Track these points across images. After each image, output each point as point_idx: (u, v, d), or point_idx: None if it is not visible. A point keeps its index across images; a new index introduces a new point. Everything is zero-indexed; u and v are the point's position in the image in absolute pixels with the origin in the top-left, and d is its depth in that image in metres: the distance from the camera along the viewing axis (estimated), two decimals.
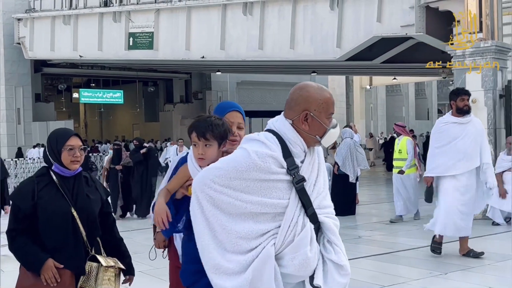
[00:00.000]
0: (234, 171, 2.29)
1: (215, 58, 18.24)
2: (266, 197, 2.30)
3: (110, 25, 19.91)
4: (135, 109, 33.08)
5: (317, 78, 29.99)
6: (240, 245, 2.28)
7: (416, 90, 38.48)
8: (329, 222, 2.40)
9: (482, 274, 6.08)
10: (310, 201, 2.35)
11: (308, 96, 2.39)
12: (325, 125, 2.38)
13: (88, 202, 3.11)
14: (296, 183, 2.33)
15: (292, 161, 2.34)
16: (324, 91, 2.42)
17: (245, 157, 2.31)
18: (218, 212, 2.30)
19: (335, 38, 15.18)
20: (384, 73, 24.65)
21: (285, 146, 2.35)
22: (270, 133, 2.39)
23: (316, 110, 2.37)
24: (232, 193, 2.29)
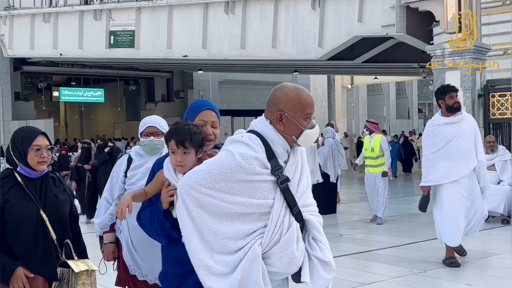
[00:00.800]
0: (219, 173, 2.32)
1: (197, 57, 18.19)
2: (251, 198, 2.33)
3: (91, 23, 19.74)
4: (116, 108, 32.84)
5: (299, 77, 30.09)
6: (227, 245, 2.31)
7: (397, 90, 38.77)
8: (313, 219, 2.45)
9: (461, 272, 6.15)
10: (294, 200, 2.39)
11: (282, 96, 2.41)
12: (301, 126, 2.39)
13: (57, 203, 2.96)
14: (280, 183, 2.36)
15: (276, 161, 2.37)
16: (300, 91, 2.42)
17: (229, 158, 2.34)
18: (205, 213, 2.32)
19: (316, 37, 15.24)
20: (365, 73, 24.81)
21: (269, 147, 2.38)
22: (254, 135, 2.41)
23: (291, 110, 2.39)
24: (218, 194, 2.31)
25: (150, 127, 3.67)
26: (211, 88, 30.24)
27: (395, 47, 15.90)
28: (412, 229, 9.10)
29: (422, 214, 10.64)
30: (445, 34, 11.24)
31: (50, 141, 3.02)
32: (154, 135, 3.65)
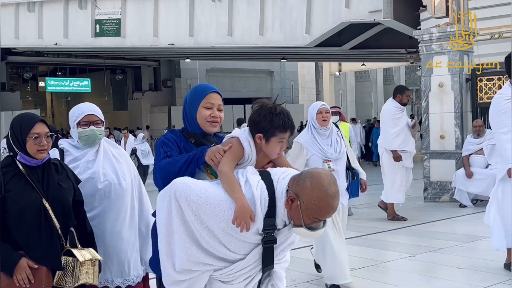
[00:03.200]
0: (208, 207, 2.27)
1: (184, 45, 18.05)
2: (224, 247, 2.29)
3: (76, 12, 19.50)
4: (103, 97, 32.60)
5: (287, 64, 30.04)
6: (188, 262, 2.32)
7: (384, 76, 38.84)
8: (279, 270, 2.43)
9: (450, 255, 6.19)
10: (272, 261, 2.35)
11: (308, 188, 2.21)
12: (303, 221, 2.23)
13: (60, 191, 2.88)
14: (265, 242, 2.29)
15: (273, 221, 2.27)
16: (329, 198, 2.20)
17: (227, 203, 2.28)
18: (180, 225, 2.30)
19: (304, 24, 15.19)
20: (353, 59, 24.79)
21: (273, 205, 2.26)
22: (267, 192, 2.27)
23: (305, 203, 2.21)
24: (196, 222, 2.27)
25: (89, 116, 3.29)
26: (199, 77, 30.10)
27: (382, 33, 15.89)
28: (401, 213, 9.14)
29: (410, 198, 10.74)
30: (432, 19, 11.23)
31: (50, 128, 2.94)
32: (94, 125, 3.30)
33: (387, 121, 8.46)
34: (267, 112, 2.42)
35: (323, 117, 4.94)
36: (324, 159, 4.89)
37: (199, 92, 2.77)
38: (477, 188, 9.11)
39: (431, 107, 10.23)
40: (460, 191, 9.34)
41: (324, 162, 4.88)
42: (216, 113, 2.73)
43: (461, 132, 9.92)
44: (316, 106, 5.03)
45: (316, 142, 4.94)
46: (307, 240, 6.98)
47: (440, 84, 10.06)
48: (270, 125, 2.40)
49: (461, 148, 9.62)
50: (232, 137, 2.52)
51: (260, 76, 32.47)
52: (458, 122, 9.95)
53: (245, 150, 2.44)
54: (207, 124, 2.73)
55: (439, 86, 10.08)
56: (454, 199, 9.49)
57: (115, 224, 3.28)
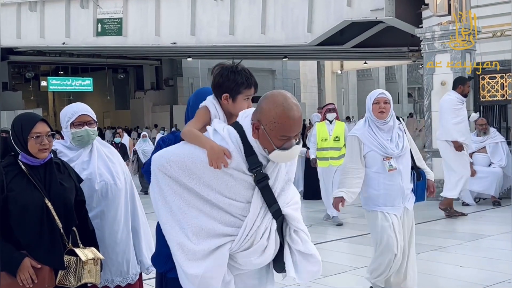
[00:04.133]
0: (190, 161, 2.26)
1: (185, 44, 18.06)
2: (224, 195, 2.25)
3: (78, 12, 19.52)
4: (105, 97, 32.65)
5: (288, 63, 30.03)
6: (200, 234, 2.26)
7: (386, 75, 38.85)
8: (292, 212, 2.35)
9: (453, 254, 6.18)
10: (274, 199, 2.30)
11: (265, 109, 2.22)
12: (274, 144, 2.22)
13: (62, 191, 2.87)
14: (257, 182, 2.25)
15: (255, 158, 2.25)
16: (284, 110, 2.20)
17: (201, 150, 2.27)
18: (178, 198, 2.27)
19: (306, 23, 15.18)
20: (355, 58, 24.78)
21: (248, 144, 2.26)
22: (235, 131, 2.29)
23: (268, 126, 2.21)
24: (188, 179, 2.25)
25: (82, 116, 3.27)
26: (201, 76, 30.12)
27: (384, 32, 15.87)
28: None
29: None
30: (434, 17, 11.21)
31: (51, 128, 2.93)
32: (88, 125, 3.27)
33: (448, 111, 8.16)
34: (228, 71, 2.43)
35: (380, 108, 4.26)
36: (384, 156, 4.23)
37: (201, 96, 2.75)
38: (480, 186, 9.10)
39: (434, 105, 10.20)
40: (463, 189, 9.31)
41: (384, 159, 4.23)
42: None
43: None
44: (373, 95, 4.40)
45: (374, 136, 4.27)
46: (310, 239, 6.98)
47: (442, 82, 10.03)
48: (234, 84, 2.42)
49: None
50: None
51: (262, 75, 32.44)
52: None
53: (211, 112, 2.46)
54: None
55: (441, 84, 10.06)
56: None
57: (113, 224, 3.29)
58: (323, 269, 2.55)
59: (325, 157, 8.33)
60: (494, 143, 9.24)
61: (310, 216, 9.07)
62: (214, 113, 2.46)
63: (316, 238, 7.27)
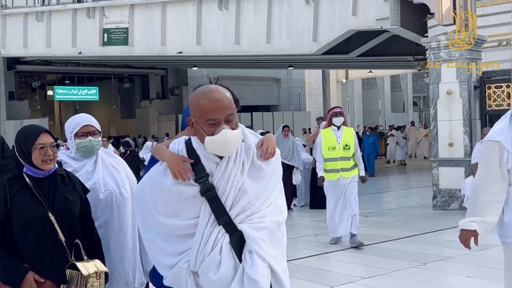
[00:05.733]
0: (149, 184, 2.29)
1: (191, 54, 18.12)
2: (174, 218, 2.22)
3: (84, 21, 19.63)
4: (111, 106, 32.73)
5: (293, 72, 30.07)
6: (162, 257, 2.29)
7: (391, 83, 38.82)
8: (247, 230, 2.17)
9: (461, 264, 6.15)
10: (224, 210, 2.18)
11: (190, 101, 2.25)
12: (204, 132, 2.18)
13: (66, 204, 2.86)
14: (203, 193, 2.19)
15: (201, 169, 2.20)
16: (203, 94, 2.20)
17: (156, 168, 2.28)
18: (141, 224, 2.35)
19: (311, 32, 15.21)
20: (360, 67, 24.78)
21: (194, 153, 2.23)
22: (183, 141, 2.30)
23: (195, 116, 2.21)
24: (148, 211, 2.28)
25: (86, 127, 3.27)
26: None
27: (389, 41, 15.88)
28: (409, 222, 9.12)
29: (419, 206, 10.71)
30: (440, 26, 11.23)
31: (55, 138, 2.93)
32: (92, 135, 3.28)
33: None
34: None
35: None
36: None
37: None
38: None
39: (440, 114, 10.20)
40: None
41: None
42: None
43: (469, 140, 9.89)
44: None
45: None
46: (317, 249, 6.97)
47: (448, 91, 10.04)
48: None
49: (470, 156, 9.56)
50: None
51: (267, 84, 32.51)
52: (466, 129, 9.91)
53: None
54: None
55: (447, 93, 10.06)
56: (463, 206, 9.41)
57: (118, 234, 3.30)
58: (331, 279, 2.54)
59: (334, 169, 7.29)
60: None
61: (316, 225, 9.06)
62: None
63: (323, 247, 7.26)
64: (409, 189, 14.25)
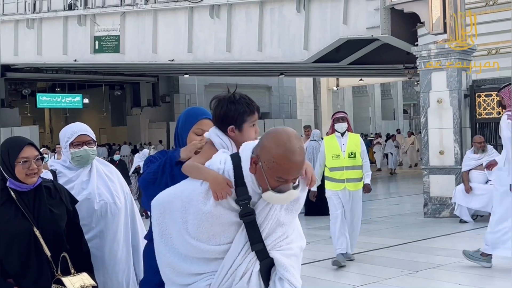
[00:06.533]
0: (182, 200, 2.17)
1: (182, 61, 18.15)
2: (204, 242, 2.13)
3: (75, 29, 19.61)
4: (101, 113, 32.66)
5: (285, 80, 30.17)
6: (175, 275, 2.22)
7: (382, 91, 39.04)
8: (280, 257, 2.17)
9: (451, 272, 6.18)
10: (259, 237, 2.14)
11: (266, 146, 2.09)
12: (269, 184, 2.08)
13: (51, 218, 2.78)
14: (242, 215, 2.12)
15: (245, 190, 2.13)
16: (286, 151, 2.05)
17: (196, 185, 2.18)
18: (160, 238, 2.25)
19: (302, 40, 15.28)
20: (351, 75, 24.91)
21: (240, 174, 2.14)
22: (230, 160, 2.18)
23: (266, 163, 2.07)
24: (175, 227, 2.18)
25: (82, 136, 3.27)
26: (197, 92, 30.18)
27: (380, 49, 15.99)
28: (401, 229, 9.14)
29: (410, 214, 10.74)
30: (430, 35, 11.32)
31: (39, 151, 2.85)
32: (87, 145, 3.27)
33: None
34: (227, 103, 2.35)
35: None
36: None
37: (191, 116, 2.77)
38: (477, 203, 9.11)
39: (430, 123, 10.26)
40: (460, 207, 9.33)
41: None
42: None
43: (460, 148, 9.95)
44: None
45: None
46: (309, 257, 6.97)
47: (438, 100, 10.10)
48: (237, 114, 2.33)
49: (461, 163, 9.63)
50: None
51: (258, 91, 32.55)
52: (457, 138, 9.98)
53: (216, 144, 2.35)
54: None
55: (437, 102, 10.13)
56: (454, 214, 9.48)
57: (112, 244, 3.28)
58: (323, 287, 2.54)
59: (339, 179, 6.67)
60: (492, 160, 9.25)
61: (310, 233, 9.05)
62: (220, 143, 2.37)
63: (314, 255, 7.25)
64: (400, 197, 14.30)
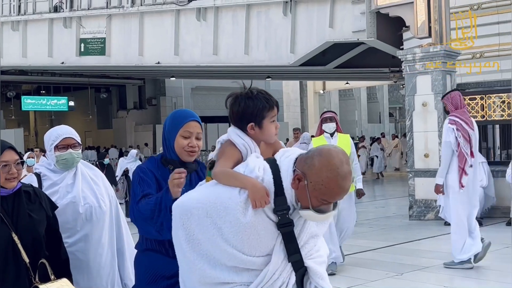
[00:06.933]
0: (213, 207, 2.05)
1: (169, 64, 18.11)
2: (240, 251, 2.04)
3: (61, 31, 19.50)
4: (87, 116, 32.48)
5: (271, 83, 30.20)
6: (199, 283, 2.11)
7: (368, 94, 39.28)
8: (315, 266, 2.13)
9: (436, 274, 6.23)
10: (297, 248, 2.09)
11: (316, 166, 2.00)
12: (311, 203, 2.01)
13: (31, 223, 2.71)
14: (280, 226, 2.05)
15: (284, 200, 2.05)
16: (339, 178, 1.98)
17: (234, 193, 2.06)
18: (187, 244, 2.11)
19: (288, 43, 15.33)
20: (337, 78, 25.01)
21: (279, 184, 2.06)
22: (270, 169, 2.08)
23: (312, 183, 2.00)
24: (204, 232, 2.06)
25: (67, 139, 3.24)
26: (184, 95, 30.15)
27: (366, 53, 16.08)
28: (386, 232, 9.19)
29: (395, 216, 10.80)
30: (415, 39, 11.42)
31: (20, 155, 2.82)
32: (72, 148, 3.25)
33: None
34: (245, 100, 2.27)
35: None
36: None
37: (177, 119, 2.71)
38: None
39: (415, 126, 10.34)
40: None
41: None
42: (194, 143, 2.66)
43: None
44: None
45: None
46: None
47: (423, 103, 10.18)
48: (256, 110, 2.24)
49: None
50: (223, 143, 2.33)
51: None
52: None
53: (238, 145, 2.24)
54: (184, 154, 2.67)
55: (422, 105, 10.21)
56: (439, 217, 9.54)
57: (97, 247, 3.27)
58: None
59: None
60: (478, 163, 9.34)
61: None
62: (242, 144, 2.25)
63: None
64: (386, 200, 14.38)
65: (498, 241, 7.39)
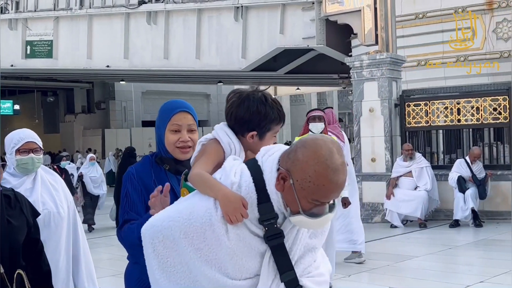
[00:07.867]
0: (188, 224, 1.70)
1: (118, 68, 17.88)
2: (224, 274, 1.68)
3: (6, 33, 18.94)
4: (33, 120, 31.58)
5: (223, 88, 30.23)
6: None
7: (318, 100, 39.73)
8: (311, 285, 1.75)
9: (382, 275, 6.37)
10: (289, 264, 1.71)
11: (301, 160, 1.64)
12: (300, 206, 1.65)
13: (9, 230, 2.56)
14: (268, 238, 1.68)
15: (270, 207, 1.69)
16: (329, 171, 1.62)
17: (208, 205, 1.71)
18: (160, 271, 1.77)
19: (240, 49, 15.41)
20: (288, 84, 25.26)
21: (263, 189, 1.69)
22: (248, 173, 1.72)
23: (299, 182, 1.64)
24: (182, 255, 1.72)
25: (29, 143, 3.19)
26: (134, 99, 29.76)
27: (316, 59, 16.31)
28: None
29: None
30: (362, 46, 11.68)
31: (2, 159, 2.78)
32: (34, 152, 3.20)
33: None
34: (257, 103, 1.97)
35: None
36: None
37: (164, 113, 2.38)
38: (407, 209, 9.45)
39: (363, 131, 10.57)
40: (391, 212, 9.64)
41: None
42: (186, 137, 2.31)
43: (391, 155, 10.29)
44: None
45: None
46: None
47: (370, 109, 10.42)
48: (266, 120, 1.95)
49: (391, 170, 9.96)
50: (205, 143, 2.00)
51: (196, 99, 32.45)
52: (388, 145, 10.31)
53: (223, 143, 1.95)
54: (176, 151, 2.33)
55: (369, 111, 10.44)
56: (385, 219, 9.79)
57: (54, 254, 3.21)
58: None
59: None
60: (420, 168, 9.64)
61: None
62: (228, 143, 1.96)
63: None
64: None
65: (441, 243, 7.64)
